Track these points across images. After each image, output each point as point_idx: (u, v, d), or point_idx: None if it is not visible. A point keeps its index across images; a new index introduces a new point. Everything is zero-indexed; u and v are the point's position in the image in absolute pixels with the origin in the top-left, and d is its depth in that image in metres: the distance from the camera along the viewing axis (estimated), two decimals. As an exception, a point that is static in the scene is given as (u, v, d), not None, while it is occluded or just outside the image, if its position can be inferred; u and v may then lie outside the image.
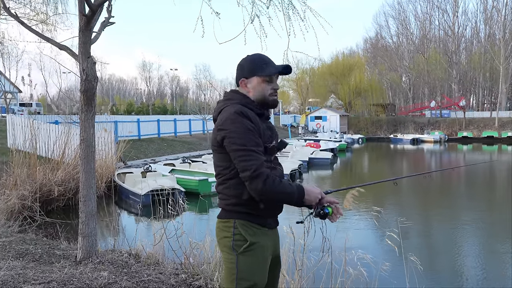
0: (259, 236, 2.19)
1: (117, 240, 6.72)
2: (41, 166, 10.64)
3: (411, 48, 69.28)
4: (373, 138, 47.18)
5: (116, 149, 15.54)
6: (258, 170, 2.04)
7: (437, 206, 13.16)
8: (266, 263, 2.23)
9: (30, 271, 4.44)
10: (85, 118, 4.98)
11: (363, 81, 56.05)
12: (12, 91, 43.43)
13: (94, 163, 5.12)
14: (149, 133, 24.29)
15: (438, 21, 67.15)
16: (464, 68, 62.60)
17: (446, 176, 21.22)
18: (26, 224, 8.44)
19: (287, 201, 2.14)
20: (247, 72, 2.31)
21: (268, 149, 2.22)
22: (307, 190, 2.17)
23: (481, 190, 16.55)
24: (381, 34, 75.12)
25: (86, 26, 4.92)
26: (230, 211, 2.22)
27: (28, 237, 6.49)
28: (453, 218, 11.39)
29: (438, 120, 48.86)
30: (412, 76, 65.29)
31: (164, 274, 4.67)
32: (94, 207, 5.08)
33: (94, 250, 5.03)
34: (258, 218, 2.20)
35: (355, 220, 10.34)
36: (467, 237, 9.62)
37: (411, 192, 16.36)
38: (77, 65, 5.06)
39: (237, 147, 2.09)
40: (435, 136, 41.87)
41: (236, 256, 2.15)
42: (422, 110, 56.66)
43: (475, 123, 45.74)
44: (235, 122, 2.11)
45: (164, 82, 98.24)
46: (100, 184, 12.24)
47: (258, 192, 2.07)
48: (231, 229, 2.18)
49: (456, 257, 8.28)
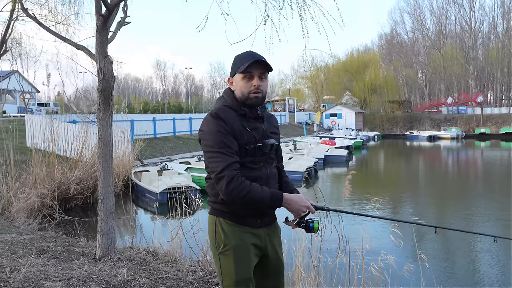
0: (237, 235, 2.23)
1: (135, 237, 6.79)
2: (60, 165, 10.77)
3: (427, 44, 68.46)
4: (389, 135, 46.81)
5: (132, 147, 15.68)
6: (223, 171, 2.09)
7: (454, 205, 13.01)
8: (248, 260, 2.24)
9: (51, 268, 4.50)
10: (103, 117, 5.03)
11: (378, 77, 55.70)
12: (30, 91, 44.06)
13: (112, 161, 5.16)
14: (165, 132, 24.42)
15: (455, 16, 66.44)
16: (482, 64, 61.74)
17: (463, 172, 20.96)
18: (45, 222, 8.57)
19: (256, 205, 2.17)
20: (232, 70, 2.32)
21: (249, 150, 2.22)
22: (288, 200, 2.18)
23: (499, 187, 16.31)
24: (396, 30, 74.58)
25: (102, 26, 4.96)
26: (213, 208, 2.30)
27: (48, 235, 6.59)
28: (470, 216, 11.24)
29: (455, 117, 48.24)
30: (428, 72, 64.57)
31: (182, 271, 4.71)
32: (112, 205, 5.12)
33: (112, 248, 5.08)
34: (237, 217, 2.23)
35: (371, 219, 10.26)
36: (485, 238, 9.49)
37: (428, 190, 16.22)
38: (94, 64, 5.11)
39: (207, 149, 2.17)
40: (452, 132, 41.34)
41: (218, 254, 2.25)
42: (439, 107, 56.00)
43: (493, 119, 45.03)
44: (209, 124, 2.18)
45: (179, 80, 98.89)
46: (117, 183, 12.36)
47: (222, 193, 2.13)
48: (213, 226, 2.27)
49: (475, 257, 8.18)
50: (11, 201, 8.88)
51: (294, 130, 43.15)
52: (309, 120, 51.37)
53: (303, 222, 2.23)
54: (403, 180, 18.96)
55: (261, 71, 2.25)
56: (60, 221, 9.09)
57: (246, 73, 2.23)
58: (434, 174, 20.70)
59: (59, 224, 8.97)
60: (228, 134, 2.15)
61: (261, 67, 2.24)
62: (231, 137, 2.15)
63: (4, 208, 8.84)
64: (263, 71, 2.26)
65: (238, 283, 2.20)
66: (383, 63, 68.59)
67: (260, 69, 2.25)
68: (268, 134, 2.34)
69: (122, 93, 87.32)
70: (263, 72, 2.26)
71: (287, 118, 48.22)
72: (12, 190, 9.10)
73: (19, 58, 37.27)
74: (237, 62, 2.29)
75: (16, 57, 29.44)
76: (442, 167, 23.09)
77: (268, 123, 2.40)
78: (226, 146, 2.13)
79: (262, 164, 2.29)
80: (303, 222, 2.23)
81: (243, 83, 2.25)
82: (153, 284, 4.22)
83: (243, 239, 2.23)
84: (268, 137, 2.33)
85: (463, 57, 59.09)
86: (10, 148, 9.91)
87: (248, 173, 2.19)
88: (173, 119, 25.86)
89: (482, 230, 9.85)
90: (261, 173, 2.26)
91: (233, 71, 2.30)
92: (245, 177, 2.15)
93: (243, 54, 2.30)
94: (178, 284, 4.30)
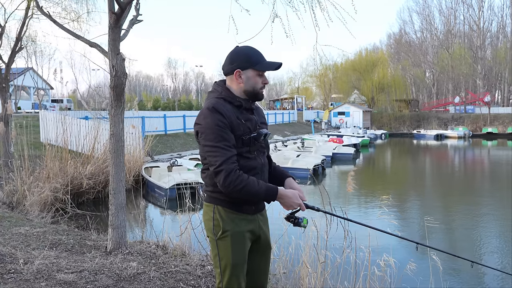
0: (234, 222, 2.32)
1: (145, 232, 6.83)
2: (72, 160, 10.85)
3: (435, 43, 67.97)
4: (396, 133, 46.59)
5: (143, 144, 15.74)
6: (221, 165, 2.16)
7: (460, 203, 12.92)
8: (243, 246, 2.35)
9: (63, 260, 4.54)
10: (115, 113, 5.05)
11: (386, 76, 55.37)
12: (44, 87, 44.39)
13: (123, 157, 5.19)
14: (175, 128, 24.51)
15: (463, 16, 65.83)
16: (490, 64, 61.15)
17: (470, 171, 20.81)
18: (58, 215, 8.64)
19: (252, 198, 2.28)
20: (242, 64, 2.33)
21: (245, 141, 2.30)
22: (283, 195, 2.27)
23: (506, 186, 16.16)
24: (404, 30, 74.14)
25: (115, 23, 4.98)
26: (210, 197, 2.37)
27: (61, 228, 6.64)
28: (477, 216, 11.15)
29: (462, 116, 47.88)
30: (436, 72, 64.10)
31: (191, 265, 4.72)
32: (123, 200, 5.15)
33: (123, 241, 5.11)
34: (234, 205, 2.32)
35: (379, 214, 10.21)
36: (492, 235, 9.42)
37: (435, 189, 16.12)
38: (106, 61, 5.14)
39: (206, 143, 2.22)
40: (459, 132, 41.04)
41: (216, 240, 2.33)
42: (446, 106, 55.55)
43: (500, 119, 44.63)
44: (207, 118, 2.22)
45: (190, 78, 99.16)
46: (128, 178, 12.42)
47: (220, 186, 2.20)
48: (211, 213, 2.35)
49: (481, 255, 8.12)
50: (25, 195, 8.96)
51: (302, 128, 43.09)
52: (317, 118, 51.29)
53: (292, 217, 2.33)
54: (410, 178, 18.86)
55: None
56: (72, 215, 9.16)
57: (261, 71, 2.36)
58: (441, 172, 20.56)
59: (71, 217, 9.05)
60: (226, 128, 2.21)
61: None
62: (228, 130, 2.22)
63: (19, 201, 8.93)
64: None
65: (235, 267, 2.31)
66: (391, 62, 68.20)
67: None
68: (259, 125, 2.43)
69: (134, 90, 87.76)
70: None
71: (296, 116, 48.14)
72: (26, 184, 9.18)
73: (33, 55, 37.63)
74: (252, 57, 2.34)
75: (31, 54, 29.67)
76: (449, 166, 22.92)
77: (258, 114, 2.49)
78: (224, 140, 2.20)
79: (256, 154, 2.39)
80: (293, 217, 2.33)
81: (257, 79, 2.35)
82: (162, 278, 4.24)
83: (240, 226, 2.33)
84: (259, 127, 2.43)
85: (471, 57, 58.62)
86: (24, 143, 10.00)
87: (245, 163, 2.29)
88: (183, 116, 25.93)
89: (487, 230, 9.78)
90: (257, 163, 2.37)
91: (247, 65, 2.33)
92: (243, 166, 2.26)
93: (252, 51, 2.37)
94: (187, 278, 4.32)
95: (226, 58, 2.40)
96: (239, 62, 2.33)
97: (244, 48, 2.38)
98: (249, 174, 2.26)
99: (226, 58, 2.40)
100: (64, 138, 11.66)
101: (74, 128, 13.86)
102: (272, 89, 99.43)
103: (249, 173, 2.27)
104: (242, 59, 2.34)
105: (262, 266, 2.55)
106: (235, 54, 2.37)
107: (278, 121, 42.33)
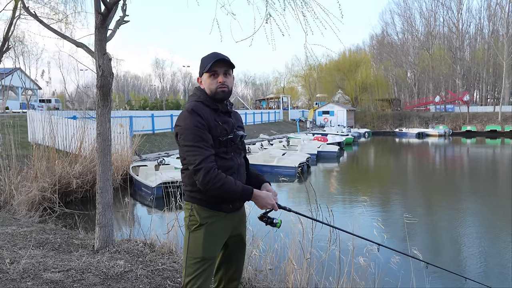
0: (211, 219, 2.37)
1: (133, 230, 6.75)
2: (60, 160, 10.71)
3: (416, 44, 68.64)
4: (379, 132, 46.94)
5: (131, 143, 15.59)
6: (200, 164, 2.22)
7: (441, 200, 13.05)
8: (216, 240, 2.40)
9: (50, 259, 4.47)
10: (101, 112, 4.99)
11: (369, 76, 55.72)
12: (32, 87, 43.76)
13: (110, 156, 5.12)
14: (163, 128, 24.35)
15: (443, 18, 66.66)
16: (468, 64, 61.96)
17: (450, 168, 21.05)
18: (46, 214, 8.52)
19: (229, 196, 2.33)
20: (200, 70, 2.46)
21: (222, 142, 2.37)
22: (257, 196, 2.35)
23: (484, 182, 16.38)
24: (387, 31, 74.66)
25: (101, 24, 4.91)
26: (189, 196, 2.42)
27: (48, 227, 6.54)
28: (457, 211, 11.28)
29: (442, 115, 48.40)
30: (417, 72, 64.70)
31: (178, 263, 4.68)
32: (110, 199, 5.09)
33: (110, 240, 5.05)
34: (212, 204, 2.37)
35: (361, 212, 10.28)
36: (472, 231, 9.53)
37: (417, 186, 16.27)
38: (94, 62, 5.06)
39: (185, 143, 2.28)
40: (439, 130, 41.53)
41: (189, 234, 2.39)
42: (427, 105, 56.12)
43: (478, 118, 45.25)
44: (186, 119, 2.30)
45: (177, 78, 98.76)
46: (116, 177, 12.29)
47: (199, 184, 2.26)
48: (188, 211, 2.40)
49: (461, 251, 8.21)
50: (12, 194, 8.82)
51: (288, 127, 43.17)
52: (302, 117, 51.40)
53: (265, 217, 2.41)
54: (392, 175, 19.01)
55: (225, 68, 2.42)
56: (60, 214, 9.04)
57: (211, 72, 2.40)
58: (422, 170, 20.76)
59: (59, 217, 8.93)
60: (204, 129, 2.28)
61: (224, 65, 2.41)
62: (206, 131, 2.29)
63: (6, 201, 8.78)
64: (227, 68, 2.43)
65: (203, 259, 2.35)
66: (374, 62, 68.64)
67: (224, 67, 2.42)
68: (236, 128, 2.51)
69: (122, 90, 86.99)
70: (227, 69, 2.43)
71: (281, 115, 48.20)
72: (14, 184, 9.04)
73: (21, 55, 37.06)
74: (203, 63, 2.43)
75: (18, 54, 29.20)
76: (430, 164, 23.15)
77: (235, 118, 2.58)
78: (203, 140, 2.27)
79: (233, 154, 2.46)
80: (266, 217, 2.41)
81: (210, 80, 2.42)
82: (149, 275, 4.19)
83: (215, 222, 2.39)
84: (236, 130, 2.50)
85: (451, 58, 59.33)
86: (12, 143, 9.84)
87: (222, 163, 2.35)
88: (171, 116, 25.76)
89: (465, 226, 9.89)
90: (233, 163, 2.44)
91: (201, 71, 2.45)
92: (220, 166, 2.32)
93: (208, 55, 2.45)
94: (174, 276, 4.27)
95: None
96: (200, 70, 2.47)
97: (203, 56, 2.47)
98: (226, 173, 2.33)
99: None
100: (51, 138, 11.50)
101: (62, 127, 13.67)
102: (258, 89, 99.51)
103: (226, 173, 2.33)
104: (200, 66, 2.46)
105: (236, 261, 2.61)
106: (200, 63, 2.48)
107: (264, 120, 42.36)
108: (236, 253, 2.60)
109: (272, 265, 4.77)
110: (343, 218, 9.52)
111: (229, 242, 2.53)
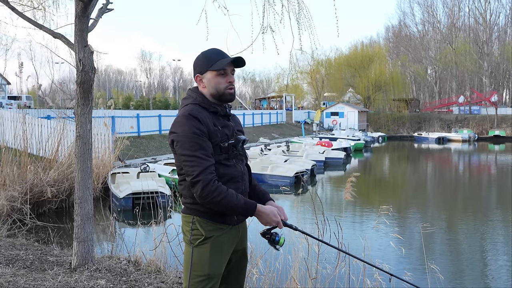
0: (216, 232, 2.40)
1: (115, 246, 6.79)
2: (32, 165, 10.72)
3: (438, 37, 68.71)
4: (395, 136, 46.99)
5: (114, 147, 15.62)
6: (198, 176, 2.24)
7: (460, 211, 13.07)
8: (222, 256, 2.43)
9: (20, 278, 4.49)
10: (81, 112, 5.01)
11: (384, 73, 55.78)
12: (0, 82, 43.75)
13: (91, 161, 5.15)
14: (149, 130, 24.38)
15: (468, 8, 66.73)
16: (497, 60, 62.08)
17: (475, 180, 21.07)
18: (15, 227, 8.51)
19: (229, 211, 2.36)
20: (201, 67, 2.48)
21: (223, 148, 2.40)
22: (261, 211, 2.38)
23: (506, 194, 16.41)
24: (404, 22, 74.85)
25: (83, 12, 4.94)
26: (189, 209, 2.44)
27: (18, 242, 6.56)
28: (477, 224, 11.30)
29: (467, 117, 48.50)
30: (439, 69, 64.85)
31: (166, 282, 4.71)
32: (90, 210, 5.11)
33: (90, 257, 5.07)
34: (215, 216, 2.39)
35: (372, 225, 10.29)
36: (492, 245, 9.55)
37: (436, 202, 16.28)
38: (72, 54, 5.09)
39: (182, 152, 2.30)
40: (463, 134, 41.53)
41: (192, 249, 2.40)
42: (449, 106, 56.26)
43: (508, 121, 45.24)
44: (183, 125, 2.31)
45: (166, 74, 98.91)
46: (96, 185, 12.31)
47: (197, 197, 2.29)
48: (190, 224, 2.42)
49: (481, 266, 8.23)
50: (-23, 204, 8.83)
51: (292, 129, 43.18)
52: (308, 119, 51.43)
53: (268, 233, 2.44)
54: (408, 188, 19.02)
55: (232, 67, 2.48)
56: (32, 227, 9.04)
57: (220, 70, 2.42)
58: (443, 181, 20.78)
59: (30, 230, 8.92)
60: (203, 136, 2.30)
61: (231, 64, 2.46)
62: (206, 138, 2.32)
63: (-30, 212, 8.79)
64: (233, 67, 2.48)
65: (209, 278, 2.36)
66: (390, 57, 68.87)
67: (231, 66, 2.47)
68: (236, 132, 2.54)
69: (103, 87, 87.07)
70: (232, 68, 2.49)
71: (284, 116, 48.25)
72: (-21, 192, 9.05)
73: (-12, 46, 37.09)
74: (209, 59, 2.45)
75: (-15, 45, 29.22)
76: (452, 174, 23.16)
77: (234, 121, 2.61)
78: (202, 148, 2.29)
79: (235, 161, 2.49)
80: (269, 234, 2.44)
81: (217, 79, 2.44)
82: (134, 297, 4.22)
83: (221, 236, 2.41)
84: (237, 134, 2.53)
85: (477, 52, 59.42)
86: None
87: (225, 170, 2.39)
88: (159, 116, 25.82)
89: (492, 244, 9.91)
90: (237, 171, 2.47)
91: (204, 69, 2.46)
92: (223, 174, 2.36)
93: (212, 52, 2.49)
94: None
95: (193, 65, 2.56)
96: (198, 67, 2.49)
97: (204, 52, 2.51)
98: (231, 182, 2.38)
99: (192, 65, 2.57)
100: (23, 140, 11.52)
101: (35, 129, 13.70)
102: (258, 86, 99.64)
103: (231, 182, 2.39)
104: (200, 63, 2.49)
105: (238, 277, 2.64)
106: (195, 59, 2.52)
107: (265, 122, 42.35)
108: (238, 270, 2.63)
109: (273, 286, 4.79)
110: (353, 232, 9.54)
111: (232, 257, 2.55)
